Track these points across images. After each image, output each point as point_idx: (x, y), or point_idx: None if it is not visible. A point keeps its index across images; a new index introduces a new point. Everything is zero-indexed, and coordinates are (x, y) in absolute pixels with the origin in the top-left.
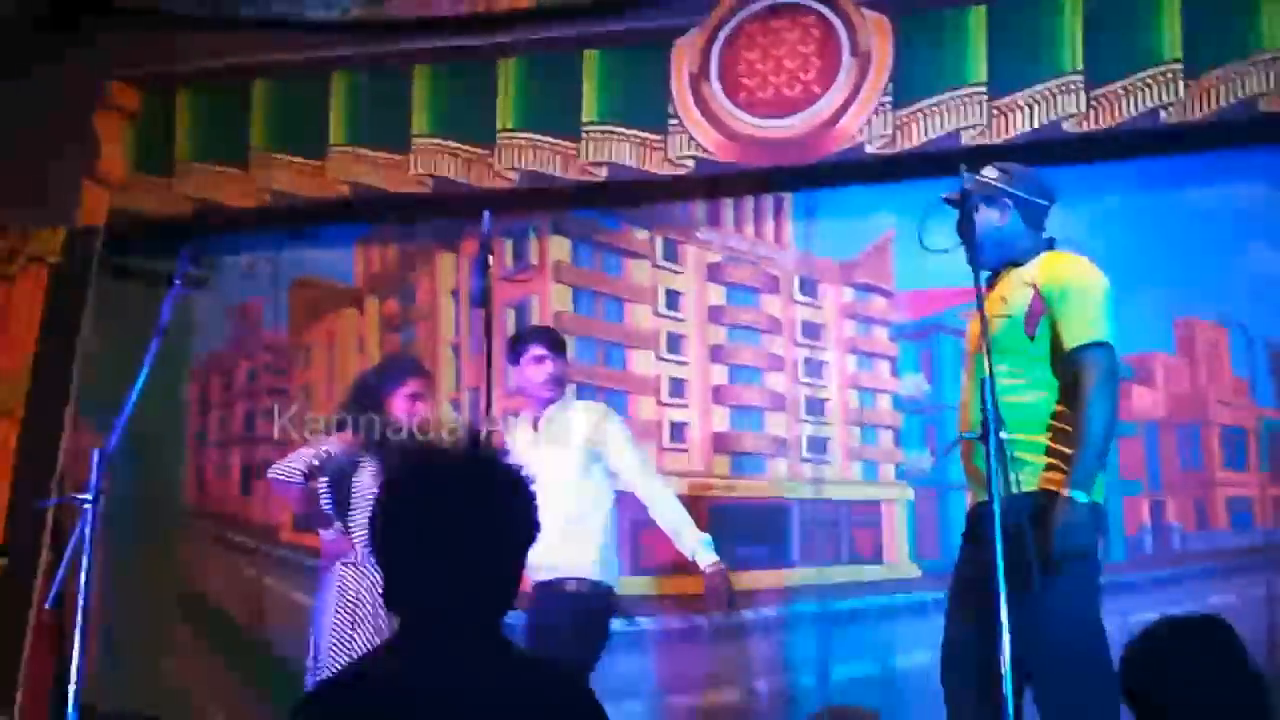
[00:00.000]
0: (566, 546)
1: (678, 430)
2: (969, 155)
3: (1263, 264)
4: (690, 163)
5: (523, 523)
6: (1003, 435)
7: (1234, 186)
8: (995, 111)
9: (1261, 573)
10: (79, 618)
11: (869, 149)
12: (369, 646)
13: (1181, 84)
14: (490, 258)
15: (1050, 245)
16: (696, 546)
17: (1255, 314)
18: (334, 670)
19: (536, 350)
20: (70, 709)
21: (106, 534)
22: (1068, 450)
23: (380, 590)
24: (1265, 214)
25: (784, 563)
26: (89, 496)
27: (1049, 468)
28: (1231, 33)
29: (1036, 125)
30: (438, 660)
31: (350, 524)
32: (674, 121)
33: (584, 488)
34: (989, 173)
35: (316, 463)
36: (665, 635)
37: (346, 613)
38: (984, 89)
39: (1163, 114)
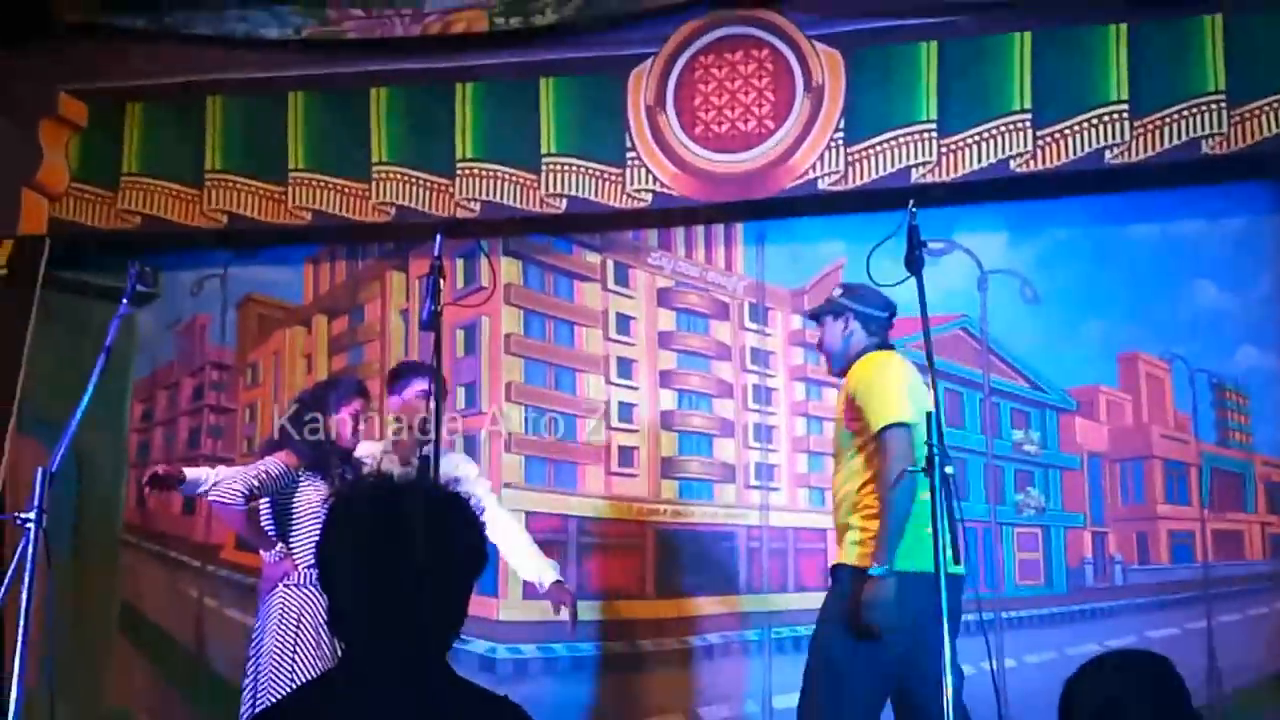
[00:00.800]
0: None
1: (626, 455)
2: (919, 192)
3: (1205, 300)
4: (648, 196)
5: (471, 553)
6: (948, 470)
7: (1178, 224)
8: (944, 149)
9: (1201, 606)
10: (20, 636)
11: (821, 185)
12: (312, 669)
13: (1127, 125)
14: (442, 281)
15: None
16: (543, 568)
17: (1197, 349)
18: (275, 694)
19: (422, 385)
20: None
21: (47, 552)
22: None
23: (323, 612)
24: (1208, 251)
25: (730, 589)
26: (31, 516)
27: (862, 543)
28: (1175, 76)
29: (984, 164)
30: (382, 689)
31: (292, 544)
32: (631, 154)
33: None
34: (835, 291)
35: (257, 483)
36: (609, 661)
37: (288, 635)
38: (934, 127)
39: (1108, 154)
